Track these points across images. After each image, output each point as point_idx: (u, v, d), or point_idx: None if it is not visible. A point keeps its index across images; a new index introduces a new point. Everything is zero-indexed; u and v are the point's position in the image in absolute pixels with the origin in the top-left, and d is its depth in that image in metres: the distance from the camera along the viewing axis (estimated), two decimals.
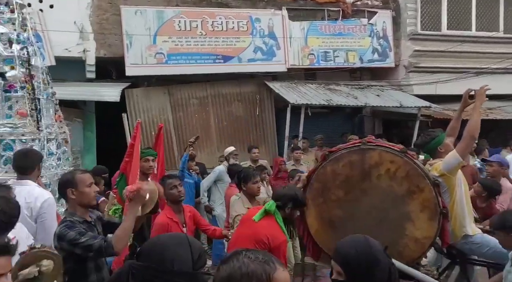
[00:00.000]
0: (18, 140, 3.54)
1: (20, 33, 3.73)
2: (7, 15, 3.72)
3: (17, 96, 3.58)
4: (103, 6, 7.08)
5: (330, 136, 8.05)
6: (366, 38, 8.50)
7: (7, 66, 3.58)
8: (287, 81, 8.07)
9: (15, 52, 3.62)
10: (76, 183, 2.36)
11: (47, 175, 3.56)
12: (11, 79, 3.55)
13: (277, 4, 8.04)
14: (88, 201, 2.39)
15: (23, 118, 3.58)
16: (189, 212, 3.31)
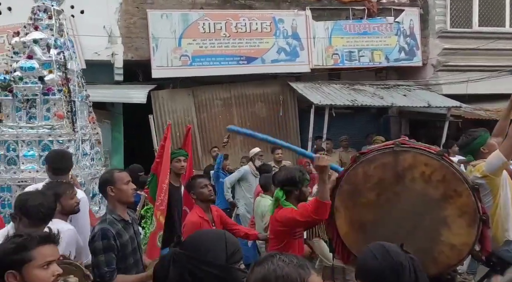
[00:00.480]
0: (56, 141, 3.68)
1: (57, 38, 3.89)
2: (45, 22, 3.87)
3: (55, 99, 3.72)
4: (130, 11, 7.29)
5: (355, 137, 7.93)
6: (392, 37, 8.31)
7: (46, 70, 3.73)
8: (310, 82, 8.02)
9: (53, 57, 3.76)
10: (114, 180, 2.46)
11: (82, 175, 3.69)
12: (49, 82, 3.70)
13: (300, 5, 8.00)
14: (126, 198, 2.48)
15: (60, 120, 3.71)
16: (216, 211, 3.35)
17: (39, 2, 3.88)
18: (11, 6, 6.80)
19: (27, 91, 3.66)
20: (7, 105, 3.71)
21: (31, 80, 3.67)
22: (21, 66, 3.66)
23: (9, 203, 3.61)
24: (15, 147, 3.66)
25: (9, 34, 6.80)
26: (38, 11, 3.87)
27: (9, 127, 3.68)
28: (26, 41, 3.76)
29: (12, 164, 3.65)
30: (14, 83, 3.67)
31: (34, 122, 3.69)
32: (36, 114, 3.70)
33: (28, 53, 3.71)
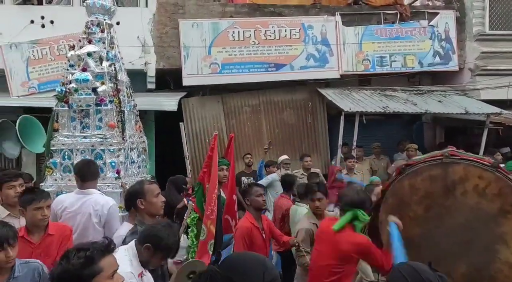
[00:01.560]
0: (107, 149, 3.80)
1: (108, 51, 4.03)
2: (98, 35, 4.03)
3: (107, 109, 3.86)
4: (163, 21, 7.53)
5: (386, 145, 7.74)
6: (426, 41, 8.05)
7: (98, 81, 3.88)
8: (340, 88, 7.91)
9: (105, 69, 3.91)
10: (144, 193, 2.47)
11: (130, 182, 3.78)
12: (102, 93, 3.84)
13: (330, 10, 7.94)
14: (156, 211, 2.49)
15: (111, 130, 3.84)
16: (266, 220, 3.34)
17: (93, 17, 4.05)
18: (53, 20, 7.22)
19: (81, 102, 3.83)
20: (63, 115, 3.89)
21: (85, 91, 3.84)
22: (76, 78, 3.84)
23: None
24: (70, 155, 3.82)
25: (51, 46, 7.22)
26: (92, 25, 4.04)
27: (65, 137, 3.85)
28: (81, 54, 3.93)
29: (67, 172, 3.79)
30: (69, 94, 3.84)
31: (87, 132, 3.85)
32: (89, 124, 3.86)
33: (83, 66, 3.89)
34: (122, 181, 3.75)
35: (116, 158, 3.81)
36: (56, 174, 3.82)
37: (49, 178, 3.80)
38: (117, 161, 3.82)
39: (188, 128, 7.55)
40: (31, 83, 7.22)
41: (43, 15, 7.22)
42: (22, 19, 7.15)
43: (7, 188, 2.87)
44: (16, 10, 7.22)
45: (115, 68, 3.99)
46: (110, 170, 3.76)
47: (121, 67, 4.16)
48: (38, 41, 7.18)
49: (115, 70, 3.98)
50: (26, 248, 2.39)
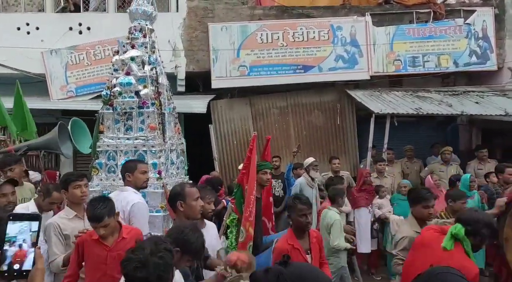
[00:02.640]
0: (149, 151, 3.90)
1: (150, 55, 4.14)
2: (140, 40, 4.15)
3: (149, 112, 3.98)
4: (193, 25, 7.69)
5: (419, 147, 7.51)
6: (462, 40, 7.74)
7: (141, 85, 4.00)
8: (370, 89, 7.75)
9: (147, 73, 4.03)
10: (185, 195, 2.49)
11: (170, 183, 3.88)
12: (144, 96, 3.96)
13: (360, 11, 7.81)
14: (194, 215, 2.51)
15: (153, 132, 3.94)
16: (315, 237, 2.97)
17: (135, 23, 4.17)
18: (90, 26, 7.56)
19: (125, 105, 3.95)
20: (108, 118, 4.04)
21: (129, 94, 3.95)
22: (120, 82, 3.96)
23: None
24: (115, 156, 3.94)
25: (88, 51, 7.56)
26: (135, 30, 4.17)
27: (109, 138, 3.99)
28: (124, 58, 4.06)
29: (112, 172, 3.92)
30: (114, 97, 3.98)
31: (130, 134, 3.97)
32: (132, 126, 3.98)
33: (126, 70, 4.01)
34: (164, 181, 3.80)
35: (157, 159, 3.89)
36: (101, 174, 3.95)
37: (95, 178, 3.94)
38: (159, 162, 3.89)
39: (216, 130, 7.65)
40: (69, 87, 7.60)
41: (80, 22, 7.59)
42: (62, 26, 7.54)
43: (73, 188, 2.92)
44: (56, 18, 7.63)
45: (156, 71, 4.09)
46: (152, 171, 3.83)
47: (162, 71, 4.27)
48: (76, 47, 7.54)
49: (156, 73, 4.08)
50: (101, 251, 2.44)
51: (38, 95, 7.46)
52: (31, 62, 7.38)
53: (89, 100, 7.54)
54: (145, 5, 4.20)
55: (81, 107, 7.05)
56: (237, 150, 7.75)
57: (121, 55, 4.12)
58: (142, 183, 3.19)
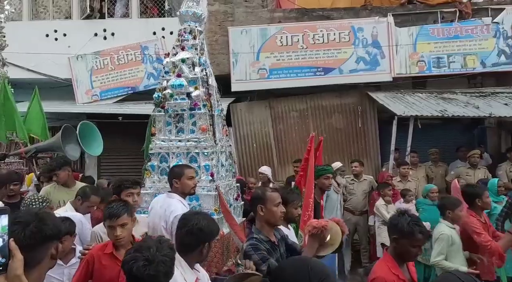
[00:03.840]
0: (202, 153, 3.84)
1: (200, 56, 4.11)
2: (190, 42, 4.11)
3: (200, 113, 3.92)
4: (213, 29, 7.77)
5: (445, 150, 7.27)
6: (489, 39, 7.46)
7: (192, 87, 3.97)
8: (392, 91, 7.59)
9: (198, 74, 3.99)
10: (266, 200, 2.39)
11: (221, 185, 3.85)
12: (195, 98, 3.92)
13: (382, 11, 7.67)
14: (275, 220, 2.40)
15: (204, 133, 3.89)
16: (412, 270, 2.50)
17: (185, 25, 4.15)
18: (114, 32, 7.77)
19: (177, 107, 3.93)
20: (159, 120, 4.02)
21: (180, 96, 3.94)
22: (171, 84, 3.94)
23: None
24: (167, 158, 3.92)
25: (112, 56, 7.78)
26: (184, 32, 4.13)
27: (161, 141, 3.97)
28: (175, 61, 4.04)
29: (164, 174, 3.83)
30: (165, 100, 3.98)
31: (181, 136, 3.94)
32: (184, 128, 3.94)
33: (177, 72, 3.99)
34: (217, 183, 3.75)
35: (210, 161, 3.84)
36: (153, 177, 3.94)
37: (148, 180, 3.94)
38: (211, 164, 3.84)
39: (236, 133, 7.68)
40: (94, 91, 7.84)
41: (105, 28, 7.82)
42: (87, 32, 7.80)
43: (125, 195, 2.83)
44: (82, 25, 7.90)
45: (206, 73, 4.09)
46: (204, 173, 3.81)
47: (211, 72, 4.27)
48: (101, 52, 7.77)
49: (206, 75, 4.08)
50: (113, 266, 2.32)
51: (64, 100, 7.74)
52: (59, 67, 7.67)
53: (113, 103, 7.75)
54: (195, 7, 4.18)
55: (105, 111, 7.25)
56: (257, 153, 7.75)
57: (171, 57, 4.10)
58: (189, 189, 3.12)
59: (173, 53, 4.13)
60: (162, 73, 4.20)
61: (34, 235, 1.30)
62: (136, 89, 7.78)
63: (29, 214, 1.36)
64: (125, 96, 7.82)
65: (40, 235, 1.31)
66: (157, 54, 7.65)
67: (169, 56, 4.15)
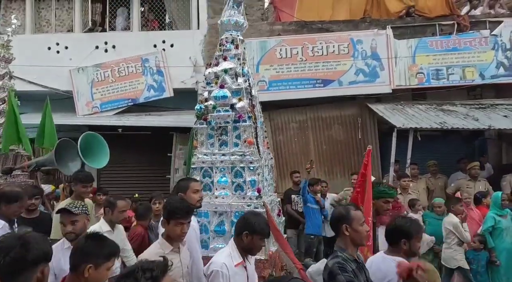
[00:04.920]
0: (247, 167, 3.65)
1: (243, 66, 3.95)
2: (233, 52, 3.96)
3: (245, 126, 3.74)
4: (213, 41, 7.82)
5: (444, 162, 7.23)
6: (488, 52, 7.51)
7: (235, 98, 3.79)
8: (392, 103, 7.60)
9: (242, 85, 3.83)
10: (351, 219, 2.28)
11: (266, 201, 3.73)
12: (240, 110, 3.74)
13: (381, 24, 7.74)
14: (361, 240, 2.30)
15: (250, 147, 3.70)
16: None
17: (227, 34, 4.01)
18: (115, 45, 7.85)
19: (220, 119, 3.76)
20: (201, 133, 3.84)
21: (223, 108, 3.76)
22: (214, 95, 3.77)
23: (206, 228, 3.66)
24: (210, 173, 3.74)
25: (112, 69, 7.84)
26: (226, 42, 3.99)
27: (204, 154, 3.78)
28: (217, 71, 3.89)
29: (207, 190, 3.71)
30: (207, 112, 3.80)
31: (225, 149, 3.76)
32: (227, 141, 3.76)
33: (220, 83, 3.83)
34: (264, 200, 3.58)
35: (256, 175, 3.66)
36: None
37: None
38: (258, 179, 3.66)
39: None
40: (94, 103, 7.88)
41: (106, 41, 7.90)
42: (89, 45, 7.88)
43: (174, 225, 2.62)
44: (84, 38, 7.98)
45: (249, 83, 3.94)
46: (250, 189, 3.63)
47: (253, 82, 4.13)
48: (102, 64, 7.84)
49: (249, 85, 3.93)
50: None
51: (65, 112, 7.77)
52: (60, 79, 7.73)
53: (113, 115, 7.78)
54: (237, 16, 4.03)
55: (105, 123, 7.28)
56: None
57: (213, 68, 3.96)
58: (195, 202, 3.03)
59: (215, 63, 3.99)
60: (203, 84, 4.03)
61: (16, 262, 1.24)
62: (136, 101, 7.82)
63: (13, 238, 1.31)
64: (125, 108, 7.86)
65: (22, 261, 1.25)
66: (157, 67, 7.71)
67: (211, 67, 4.01)
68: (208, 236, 3.68)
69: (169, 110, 7.87)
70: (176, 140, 7.24)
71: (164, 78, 7.69)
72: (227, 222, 3.64)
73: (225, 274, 2.39)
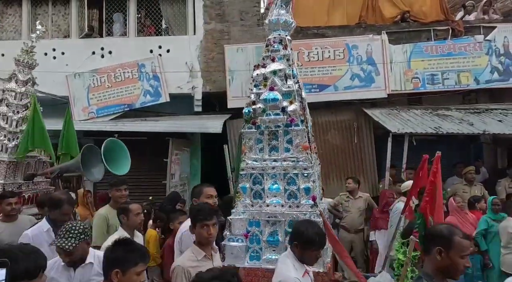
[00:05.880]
0: (301, 174, 3.47)
1: (292, 68, 3.80)
2: (281, 52, 3.78)
3: (297, 130, 3.55)
4: (209, 47, 7.87)
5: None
6: (482, 57, 7.57)
7: (286, 100, 3.61)
8: (387, 108, 7.64)
9: (292, 87, 3.65)
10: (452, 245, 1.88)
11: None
12: (292, 113, 3.56)
13: (376, 29, 7.79)
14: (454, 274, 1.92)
15: (303, 152, 3.50)
16: None
17: (275, 34, 3.85)
18: (112, 50, 7.87)
19: (271, 123, 3.58)
20: (250, 137, 3.68)
21: (274, 111, 3.59)
22: (265, 98, 3.60)
23: (257, 238, 3.48)
24: (261, 180, 3.57)
25: (109, 74, 7.84)
26: (274, 42, 3.82)
27: (253, 160, 3.61)
28: (266, 73, 3.74)
29: (258, 198, 3.56)
30: (256, 115, 3.65)
31: (275, 155, 3.59)
32: (278, 146, 3.59)
33: (270, 85, 3.67)
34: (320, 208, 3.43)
35: (311, 182, 3.46)
36: (246, 200, 3.59)
37: (240, 204, 3.60)
38: (312, 186, 3.46)
39: (233, 150, 7.67)
40: (90, 109, 7.87)
41: (103, 46, 7.91)
42: (85, 51, 7.88)
43: (200, 227, 2.63)
44: (81, 43, 7.99)
45: (299, 85, 3.77)
46: (304, 197, 3.45)
47: (302, 84, 3.97)
48: (98, 70, 7.84)
49: (299, 88, 3.76)
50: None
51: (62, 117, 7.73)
52: (56, 85, 7.71)
53: (109, 121, 7.77)
54: (285, 15, 3.87)
55: (101, 128, 7.26)
56: None
57: (260, 69, 3.79)
58: None
59: (262, 64, 3.83)
60: (250, 86, 3.84)
61: None
62: (132, 107, 7.82)
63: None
64: (122, 114, 7.85)
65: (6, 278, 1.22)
66: (153, 72, 7.72)
67: (258, 68, 3.84)
68: (260, 246, 3.49)
69: (165, 116, 7.87)
70: (172, 145, 7.23)
71: (160, 83, 7.70)
72: (280, 232, 3.45)
73: None
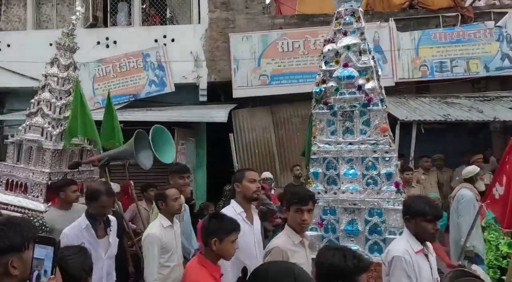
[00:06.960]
0: (381, 158, 3.15)
1: (367, 43, 3.44)
2: (354, 25, 3.42)
3: (376, 110, 3.21)
4: (214, 36, 7.80)
5: (449, 156, 7.15)
6: (492, 43, 7.41)
7: (362, 78, 3.27)
8: (395, 96, 7.52)
9: (369, 63, 3.29)
10: None
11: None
12: (369, 92, 3.21)
13: (383, 16, 7.65)
14: None
15: (383, 134, 3.18)
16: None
17: (346, 5, 3.49)
18: (116, 40, 7.83)
19: (346, 103, 3.26)
20: (321, 119, 3.37)
21: (349, 90, 3.27)
22: (338, 75, 3.28)
23: (333, 227, 3.22)
24: (335, 164, 3.27)
25: (114, 64, 7.81)
26: (345, 14, 3.46)
27: (326, 143, 3.30)
28: (338, 48, 3.40)
29: (332, 184, 3.27)
30: (327, 95, 3.35)
31: (350, 137, 3.27)
32: (352, 128, 3.27)
33: (344, 61, 3.34)
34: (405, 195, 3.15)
35: (392, 167, 3.14)
36: (318, 186, 3.28)
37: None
38: (394, 171, 3.16)
39: (238, 139, 7.64)
40: (96, 99, 7.86)
41: (107, 36, 7.87)
42: (90, 41, 7.85)
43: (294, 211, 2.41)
44: (85, 33, 7.95)
45: (375, 61, 3.39)
46: (385, 183, 3.15)
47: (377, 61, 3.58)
48: (103, 60, 7.81)
49: (375, 63, 3.38)
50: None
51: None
52: None
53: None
54: None
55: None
56: (259, 159, 7.70)
57: (332, 44, 3.43)
58: (251, 193, 2.72)
59: (331, 39, 3.46)
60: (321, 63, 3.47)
61: None
62: (138, 97, 7.79)
63: None
64: (127, 104, 7.84)
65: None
66: (158, 62, 7.68)
67: (328, 43, 3.47)
68: (337, 235, 3.22)
69: (170, 105, 7.85)
70: (178, 135, 7.21)
71: (165, 73, 7.66)
72: (359, 221, 3.16)
73: (408, 260, 2.24)
